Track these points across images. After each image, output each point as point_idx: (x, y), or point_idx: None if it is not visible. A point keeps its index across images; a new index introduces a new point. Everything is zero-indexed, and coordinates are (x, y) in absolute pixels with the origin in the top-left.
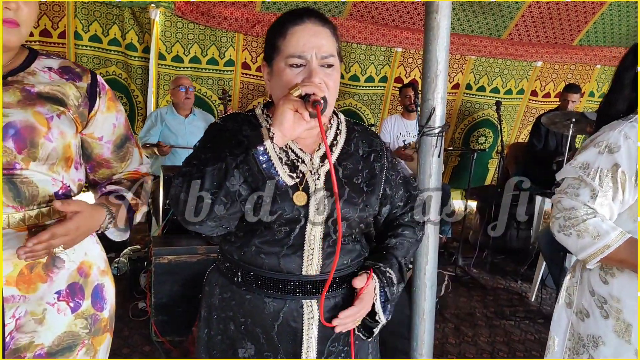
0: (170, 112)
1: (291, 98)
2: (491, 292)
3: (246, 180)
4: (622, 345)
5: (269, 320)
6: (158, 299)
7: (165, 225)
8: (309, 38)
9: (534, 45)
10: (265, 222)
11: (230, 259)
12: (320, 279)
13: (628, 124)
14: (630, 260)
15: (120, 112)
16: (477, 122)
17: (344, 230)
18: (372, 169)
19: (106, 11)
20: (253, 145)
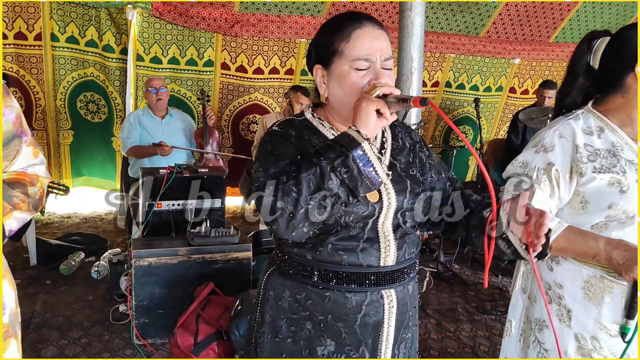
0: (146, 114)
1: (373, 99)
2: (472, 288)
3: (343, 182)
4: (563, 329)
5: (351, 314)
6: (139, 302)
7: (146, 228)
8: (373, 41)
9: (511, 43)
10: (342, 222)
11: (301, 260)
12: (397, 268)
13: (565, 122)
14: (569, 247)
15: (9, 108)
16: (457, 120)
17: (410, 220)
18: (420, 159)
19: (82, 12)
20: (350, 147)
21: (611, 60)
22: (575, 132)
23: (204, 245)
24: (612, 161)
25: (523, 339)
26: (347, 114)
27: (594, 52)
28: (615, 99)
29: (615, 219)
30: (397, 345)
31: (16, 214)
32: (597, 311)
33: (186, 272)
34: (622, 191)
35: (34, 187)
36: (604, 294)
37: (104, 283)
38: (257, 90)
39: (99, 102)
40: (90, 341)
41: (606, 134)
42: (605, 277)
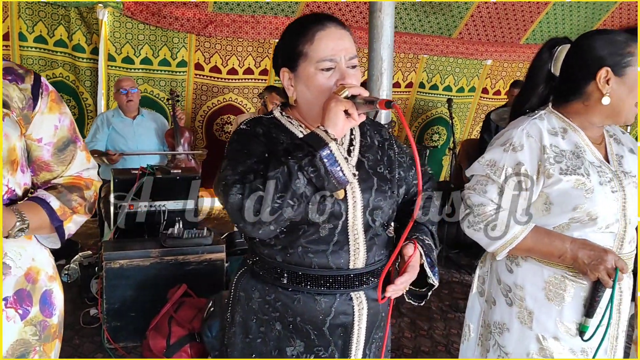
0: (117, 115)
1: (342, 100)
2: (446, 286)
3: (310, 181)
4: (524, 331)
5: (320, 316)
6: (110, 305)
7: (117, 230)
8: (336, 42)
9: (483, 44)
10: (309, 220)
11: (272, 262)
12: (366, 270)
13: (530, 121)
14: (536, 247)
15: (64, 115)
16: (430, 120)
17: (379, 219)
18: (389, 156)
19: (51, 11)
20: (317, 147)
21: (572, 69)
22: (542, 132)
23: (177, 247)
24: (577, 163)
25: (481, 343)
26: (316, 114)
27: (554, 60)
28: (575, 105)
29: (578, 220)
30: (368, 345)
31: (75, 217)
32: (558, 311)
33: (159, 274)
34: (587, 193)
35: (89, 191)
36: (565, 294)
37: (74, 286)
38: (231, 90)
39: (69, 104)
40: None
41: (570, 135)
42: (567, 277)
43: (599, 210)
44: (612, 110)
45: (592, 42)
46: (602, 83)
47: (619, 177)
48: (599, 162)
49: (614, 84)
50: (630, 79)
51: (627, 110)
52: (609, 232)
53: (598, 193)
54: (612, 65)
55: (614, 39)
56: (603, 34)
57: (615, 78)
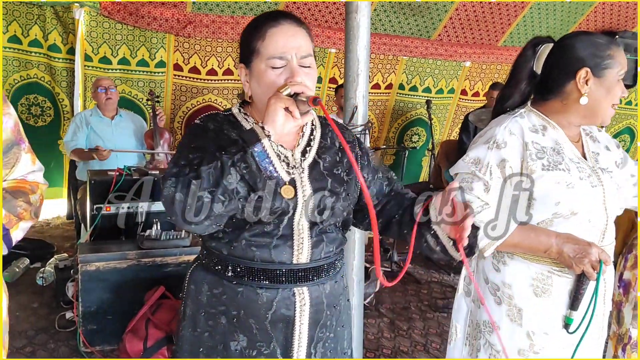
0: (95, 115)
1: (282, 97)
2: (425, 286)
3: (243, 177)
4: (514, 328)
5: (262, 310)
6: (86, 308)
7: (94, 232)
8: (288, 39)
9: (462, 46)
10: (254, 216)
11: (218, 255)
12: (311, 266)
13: (512, 119)
14: (522, 243)
15: (7, 116)
16: (410, 121)
17: (330, 219)
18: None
19: (26, 10)
20: (250, 143)
21: (553, 67)
22: (523, 129)
23: (155, 249)
24: (558, 159)
25: (469, 343)
26: None
27: (537, 58)
28: (554, 103)
29: (560, 215)
30: (313, 344)
31: (22, 224)
32: (546, 306)
33: (136, 276)
34: (568, 188)
35: (34, 195)
36: (552, 289)
37: (49, 290)
38: (210, 91)
39: (44, 105)
40: (35, 350)
41: (549, 132)
42: (553, 273)
43: (581, 204)
44: (589, 110)
45: (574, 43)
46: (581, 83)
47: (597, 173)
48: (577, 158)
49: (593, 85)
50: (607, 80)
51: (603, 111)
52: (591, 225)
53: (579, 188)
54: (592, 66)
55: (596, 41)
56: (585, 35)
57: (594, 79)
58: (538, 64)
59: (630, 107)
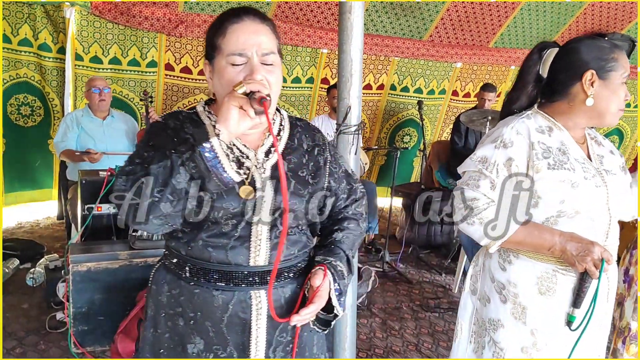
0: (86, 115)
1: (236, 95)
2: (417, 286)
3: (192, 177)
4: (518, 326)
5: (218, 312)
6: (77, 309)
7: (85, 232)
8: (249, 35)
9: (453, 47)
10: (211, 217)
11: (177, 254)
12: (268, 269)
13: (519, 120)
14: (526, 240)
15: None
16: (402, 122)
17: (291, 221)
18: (317, 162)
19: (15, 9)
20: (199, 142)
21: (559, 71)
22: (529, 129)
23: (146, 249)
24: (563, 158)
25: (474, 340)
26: None
27: (543, 62)
28: (561, 105)
29: (565, 214)
30: (272, 348)
31: None
32: (551, 305)
33: (127, 276)
34: (573, 187)
35: None
36: (556, 287)
37: (40, 290)
38: (202, 91)
39: (34, 104)
40: (25, 351)
41: (555, 133)
42: (557, 271)
43: (585, 204)
44: (595, 111)
45: (580, 46)
46: (587, 84)
47: (601, 174)
48: (582, 159)
49: (598, 87)
50: (612, 83)
51: (609, 113)
52: (595, 225)
53: (583, 187)
54: (597, 68)
55: (600, 45)
56: (590, 39)
57: (600, 81)
58: (544, 67)
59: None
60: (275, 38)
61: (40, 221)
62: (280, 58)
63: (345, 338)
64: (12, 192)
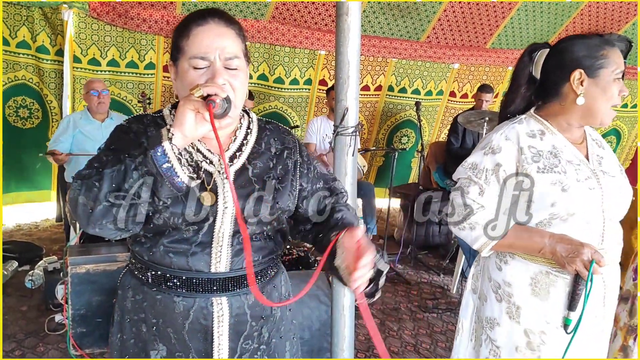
0: (85, 117)
1: (192, 99)
2: (415, 287)
3: (146, 182)
4: (513, 326)
5: (179, 319)
6: (76, 311)
7: (83, 234)
8: (213, 39)
9: (450, 48)
10: (171, 223)
11: (140, 260)
12: (230, 275)
13: (510, 125)
14: (517, 243)
15: None
16: (399, 123)
17: (254, 227)
18: (285, 165)
19: (14, 12)
20: (152, 146)
21: (550, 72)
22: (519, 135)
23: None
24: (554, 162)
25: (475, 338)
26: None
27: (535, 64)
28: (554, 105)
29: (557, 216)
30: (236, 356)
31: None
32: (544, 306)
33: None
34: (563, 190)
35: None
36: (550, 289)
37: (38, 293)
38: None
39: (32, 107)
40: (24, 353)
41: (547, 137)
42: (551, 273)
43: (577, 206)
44: (586, 110)
45: (568, 46)
46: (576, 84)
47: (597, 175)
48: (578, 160)
49: (588, 85)
50: (602, 80)
51: (602, 112)
52: (589, 227)
53: (575, 190)
54: (586, 67)
55: (589, 43)
56: (579, 38)
57: (589, 79)
58: (536, 69)
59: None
60: (241, 42)
61: (38, 223)
62: (246, 61)
63: (343, 339)
64: (9, 192)
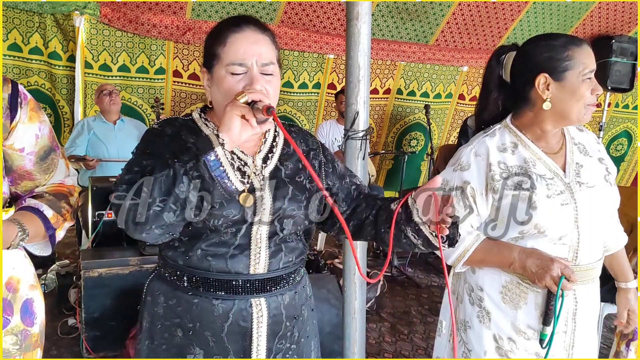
0: (98, 120)
1: (238, 104)
2: (425, 290)
3: (195, 186)
4: (483, 330)
5: (218, 322)
6: (89, 314)
7: (95, 238)
8: (249, 46)
9: (459, 51)
10: (211, 225)
11: (174, 264)
12: (268, 276)
13: (480, 140)
14: (487, 258)
15: (43, 123)
16: (408, 126)
17: (290, 227)
18: (313, 166)
19: (26, 18)
20: (203, 151)
21: (517, 76)
22: (489, 150)
23: (156, 254)
24: (523, 178)
25: (452, 339)
26: None
27: (504, 67)
28: (526, 113)
29: (527, 233)
30: (272, 355)
31: (65, 224)
32: (514, 315)
33: (138, 282)
34: (532, 207)
35: (73, 198)
36: (520, 300)
37: (51, 296)
38: None
39: (45, 111)
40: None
41: (519, 150)
42: (521, 284)
43: (547, 223)
44: (557, 114)
45: (531, 49)
46: (541, 89)
47: (571, 189)
48: (551, 174)
49: (555, 89)
50: (570, 82)
51: (574, 113)
52: (562, 243)
53: (544, 206)
54: (551, 70)
55: (552, 44)
56: (543, 39)
57: (555, 83)
58: (506, 72)
59: (627, 110)
60: (275, 48)
61: None
62: (279, 68)
63: (354, 342)
64: None
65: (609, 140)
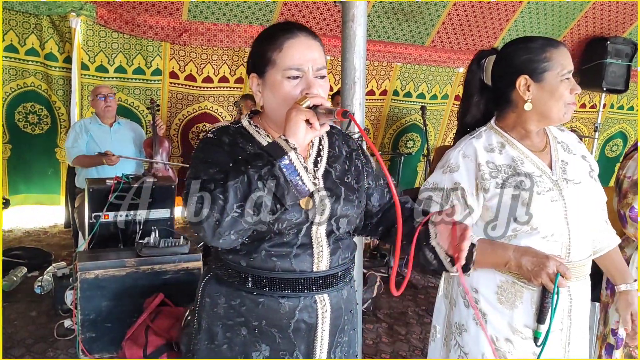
0: (94, 122)
1: (302, 109)
2: (422, 291)
3: (270, 190)
4: (479, 332)
5: (284, 319)
6: (85, 316)
7: (92, 240)
8: (305, 51)
9: (455, 52)
10: (275, 228)
11: (236, 266)
12: (330, 273)
13: (467, 142)
14: (482, 259)
15: None
16: (405, 127)
17: (345, 226)
18: (357, 166)
19: (22, 20)
20: (277, 156)
21: (498, 79)
22: (477, 151)
23: (153, 256)
24: (513, 176)
25: (446, 343)
26: (281, 122)
27: (484, 71)
28: (509, 114)
29: (520, 231)
30: (332, 349)
31: None
32: (510, 315)
33: (135, 283)
34: (523, 204)
35: None
36: (515, 299)
37: (48, 298)
38: (206, 99)
39: (41, 113)
40: (34, 358)
41: (507, 150)
42: (516, 283)
43: (539, 220)
44: (538, 114)
45: (510, 52)
46: (522, 90)
47: (559, 186)
48: (539, 171)
49: (535, 90)
50: (549, 83)
51: (555, 112)
52: (554, 240)
53: (535, 203)
54: (530, 72)
55: (530, 46)
56: (522, 42)
57: (535, 84)
58: (487, 76)
59: (622, 111)
60: (324, 54)
61: (47, 229)
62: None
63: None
64: (19, 193)
65: (604, 141)
